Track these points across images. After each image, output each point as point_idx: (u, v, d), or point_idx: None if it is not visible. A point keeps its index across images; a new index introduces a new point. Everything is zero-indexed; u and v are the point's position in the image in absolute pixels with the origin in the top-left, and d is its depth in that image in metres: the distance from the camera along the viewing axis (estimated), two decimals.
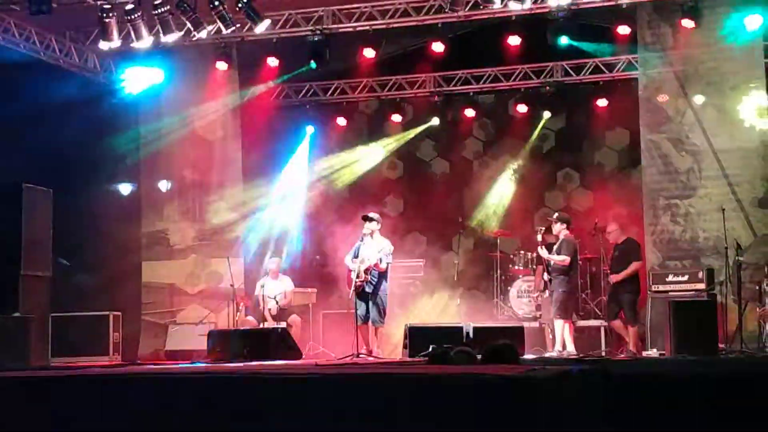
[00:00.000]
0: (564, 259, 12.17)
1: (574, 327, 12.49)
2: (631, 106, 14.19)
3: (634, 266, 12.27)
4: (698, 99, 13.30)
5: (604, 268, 13.16)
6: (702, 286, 12.27)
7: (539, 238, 12.65)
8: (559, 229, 12.46)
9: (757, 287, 11.88)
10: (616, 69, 14.95)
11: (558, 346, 12.22)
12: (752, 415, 8.76)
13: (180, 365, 11.04)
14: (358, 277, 12.31)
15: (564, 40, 13.43)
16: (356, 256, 12.51)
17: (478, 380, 5.96)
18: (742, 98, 13.03)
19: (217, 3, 11.97)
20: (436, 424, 5.61)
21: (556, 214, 12.76)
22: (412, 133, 16.41)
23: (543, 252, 12.34)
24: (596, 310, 13.48)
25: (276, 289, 13.72)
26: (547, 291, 12.51)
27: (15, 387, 6.56)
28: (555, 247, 12.34)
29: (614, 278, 12.30)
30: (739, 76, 13.14)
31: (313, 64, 14.10)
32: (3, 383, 6.64)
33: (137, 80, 14.97)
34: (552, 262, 12.27)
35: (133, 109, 15.45)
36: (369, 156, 16.50)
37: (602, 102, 15.28)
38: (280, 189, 16.12)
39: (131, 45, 12.87)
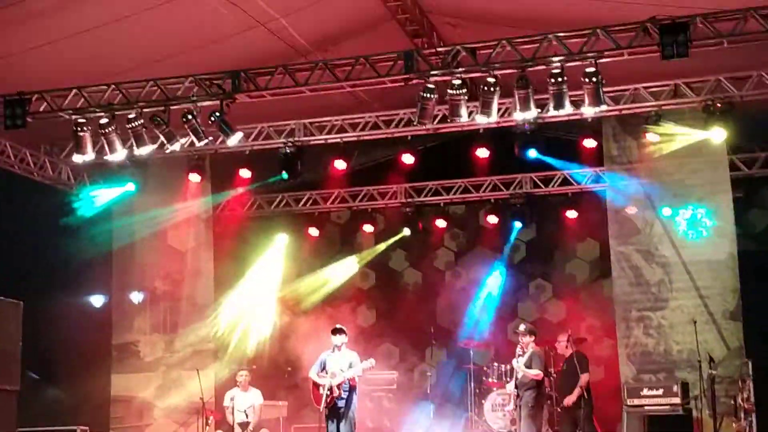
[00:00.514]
0: (538, 373, 11.94)
1: None
2: (600, 218, 14.31)
3: (583, 379, 12.17)
4: (666, 211, 13.45)
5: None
6: (677, 400, 12.19)
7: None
8: (528, 341, 12.23)
9: (733, 401, 11.83)
10: (584, 181, 15.11)
11: None
12: None
13: None
14: (330, 392, 12.14)
15: (532, 153, 13.60)
16: (323, 369, 12.36)
17: None
18: (708, 210, 13.18)
19: (190, 117, 12.05)
20: None
21: (523, 326, 12.54)
22: (383, 245, 16.45)
23: (517, 365, 12.07)
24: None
25: (246, 401, 13.51)
26: (513, 404, 12.24)
27: None
28: (524, 360, 12.05)
29: (568, 401, 12.20)
30: (705, 188, 13.31)
31: (284, 175, 14.16)
32: None
33: (108, 195, 15.06)
34: (520, 376, 12.03)
35: (106, 220, 15.44)
36: (342, 270, 16.47)
37: (571, 213, 15.41)
38: (252, 299, 16.06)
39: (104, 158, 12.90)
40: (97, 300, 16.40)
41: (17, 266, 14.30)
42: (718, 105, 12.26)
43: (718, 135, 12.55)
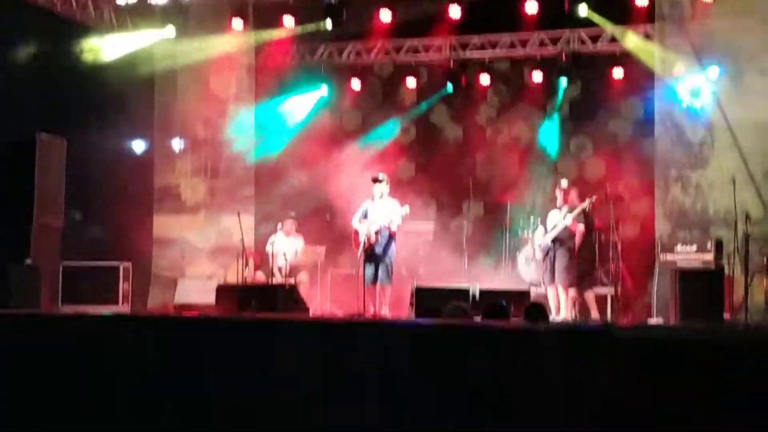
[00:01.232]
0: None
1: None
2: (647, 77, 14.14)
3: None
4: (713, 71, 13.25)
5: (612, 237, 13.13)
6: (710, 256, 12.28)
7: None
8: (572, 197, 12.52)
9: (765, 259, 11.89)
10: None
11: (565, 312, 12.25)
12: (754, 382, 8.85)
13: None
14: (368, 238, 12.41)
15: (582, 10, 13.38)
16: (365, 217, 12.63)
17: (479, 332, 6.01)
18: (758, 70, 12.98)
19: None
20: (431, 375, 5.65)
21: (565, 182, 12.77)
22: (425, 104, 16.35)
23: (560, 216, 12.37)
24: (604, 278, 13.49)
25: (287, 246, 13.80)
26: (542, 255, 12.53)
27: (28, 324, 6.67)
28: (562, 214, 12.35)
29: None
30: (755, 47, 13.07)
31: (328, 25, 14.08)
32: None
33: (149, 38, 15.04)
34: (561, 229, 12.31)
35: (148, 65, 15.50)
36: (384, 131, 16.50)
37: (618, 72, 15.20)
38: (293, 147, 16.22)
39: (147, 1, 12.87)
40: (138, 145, 16.62)
41: (62, 106, 14.48)
42: None
43: None
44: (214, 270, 14.65)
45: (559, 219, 12.46)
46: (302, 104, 16.47)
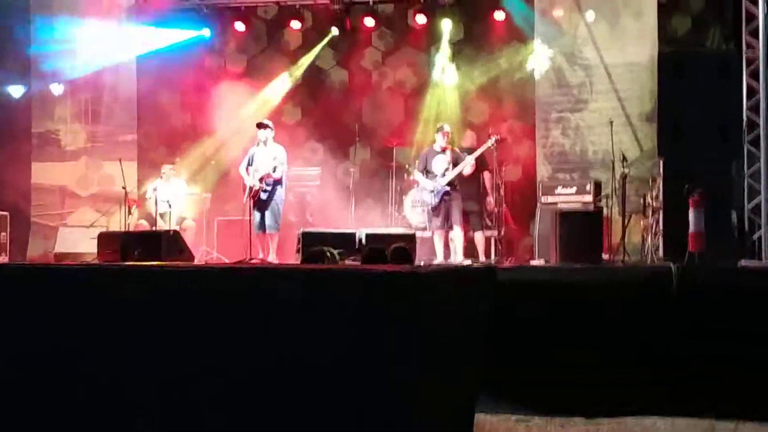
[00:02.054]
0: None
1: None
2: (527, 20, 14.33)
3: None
4: (590, 15, 13.51)
5: (495, 179, 13.33)
6: (589, 198, 12.61)
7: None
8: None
9: (642, 200, 12.28)
10: None
11: (461, 255, 12.43)
12: (629, 320, 9.19)
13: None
14: (253, 185, 12.38)
15: None
16: (250, 164, 12.59)
17: (360, 277, 6.07)
18: (633, 13, 13.28)
19: None
20: (317, 321, 5.68)
21: (447, 126, 12.93)
22: (315, 50, 16.20)
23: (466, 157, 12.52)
24: (488, 221, 13.72)
25: (169, 192, 13.64)
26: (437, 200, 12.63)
27: None
28: (449, 158, 12.45)
29: None
30: None
31: None
32: None
33: None
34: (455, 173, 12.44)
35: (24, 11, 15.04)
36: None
37: (500, 15, 15.34)
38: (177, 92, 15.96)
39: None
40: (15, 90, 16.11)
41: None
42: None
43: None
44: (96, 218, 14.36)
45: (446, 161, 12.51)
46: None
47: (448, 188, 12.49)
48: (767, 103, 10.46)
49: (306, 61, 16.25)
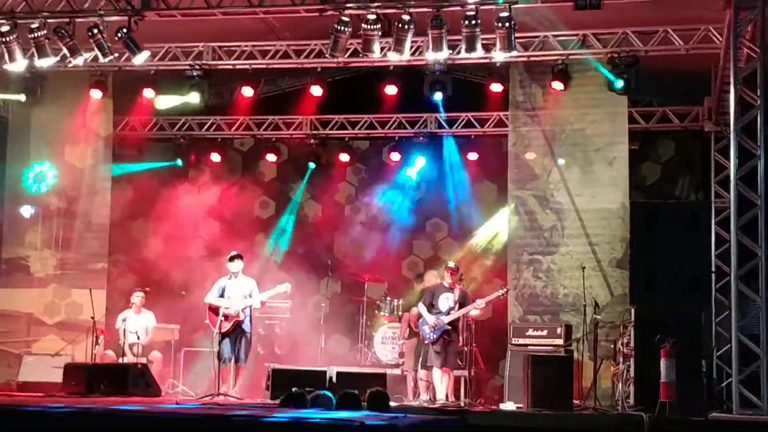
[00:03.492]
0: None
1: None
2: (500, 162, 14.60)
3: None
4: (560, 161, 13.78)
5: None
6: (560, 341, 12.59)
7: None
8: (456, 279, 12.52)
9: (612, 346, 12.30)
10: (488, 124, 15.33)
11: (441, 395, 12.24)
12: None
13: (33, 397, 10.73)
14: (226, 318, 12.28)
15: (438, 96, 13.77)
16: (221, 296, 12.52)
17: (345, 426, 6.05)
18: (605, 160, 13.57)
19: (96, 31, 11.81)
20: None
21: (453, 263, 12.87)
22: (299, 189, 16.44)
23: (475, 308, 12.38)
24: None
25: (138, 323, 13.51)
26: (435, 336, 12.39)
27: None
28: (456, 298, 12.29)
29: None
30: (603, 139, 13.68)
31: (194, 98, 14.05)
32: None
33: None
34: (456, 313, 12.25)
35: (2, 132, 15.11)
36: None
37: (473, 155, 15.64)
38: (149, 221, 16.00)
39: (3, 67, 12.56)
40: None
41: None
42: (624, 57, 12.60)
43: (620, 88, 12.89)
44: (61, 347, 14.13)
45: (452, 300, 12.33)
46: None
47: (449, 327, 12.26)
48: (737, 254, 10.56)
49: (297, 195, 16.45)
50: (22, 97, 14.69)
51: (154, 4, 11.78)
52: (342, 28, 11.48)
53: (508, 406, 12.04)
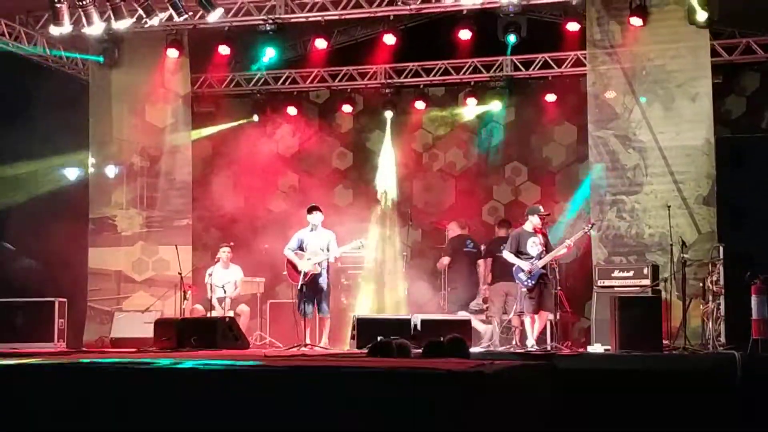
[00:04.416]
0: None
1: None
2: (579, 102, 14.36)
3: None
4: (643, 99, 13.47)
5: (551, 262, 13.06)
6: (647, 282, 12.40)
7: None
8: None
9: (701, 284, 12.07)
10: (565, 65, 15.09)
11: (531, 341, 12.07)
12: (691, 408, 9.02)
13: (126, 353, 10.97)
14: (308, 270, 12.36)
15: (512, 38, 13.58)
16: (300, 248, 12.57)
17: (427, 375, 6.05)
18: (688, 96, 13.24)
19: None
20: (382, 418, 5.68)
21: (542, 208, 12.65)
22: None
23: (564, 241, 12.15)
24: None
25: (225, 277, 13.70)
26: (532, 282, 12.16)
27: None
28: (542, 241, 12.03)
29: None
30: (685, 74, 13.32)
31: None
32: None
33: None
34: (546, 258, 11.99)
35: (83, 93, 15.36)
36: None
37: (551, 97, 15.42)
38: (229, 176, 16.17)
39: (81, 30, 12.74)
40: (71, 172, 16.42)
41: None
42: None
43: (701, 20, 12.54)
44: (151, 303, 14.43)
45: (539, 244, 12.15)
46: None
47: (544, 271, 12.04)
48: None
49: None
50: (101, 59, 14.96)
51: None
52: None
53: (596, 348, 11.94)
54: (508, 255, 12.22)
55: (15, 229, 14.99)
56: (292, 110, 16.56)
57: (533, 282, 11.96)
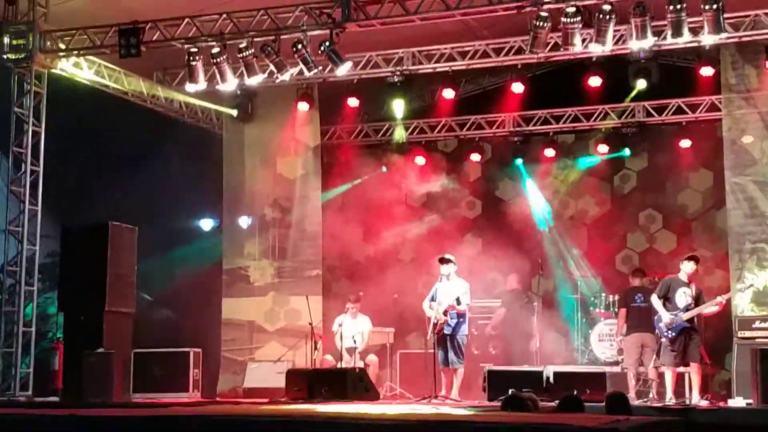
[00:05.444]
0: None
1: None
2: (715, 148, 14.02)
3: None
4: None
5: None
6: None
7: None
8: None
9: None
10: (699, 110, 14.75)
11: (696, 396, 11.74)
12: None
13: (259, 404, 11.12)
14: (436, 319, 12.31)
15: (642, 84, 13.39)
16: (433, 299, 12.53)
17: (560, 431, 5.91)
18: None
19: (300, 46, 12.14)
20: None
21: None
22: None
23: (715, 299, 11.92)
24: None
25: (354, 328, 13.75)
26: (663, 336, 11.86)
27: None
28: (693, 293, 11.74)
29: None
30: None
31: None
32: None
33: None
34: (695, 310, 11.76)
35: (217, 147, 15.80)
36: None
37: (685, 143, 15.05)
38: (360, 226, 16.29)
39: (216, 87, 13.12)
40: (206, 224, 16.87)
41: (133, 192, 14.80)
42: None
43: None
44: (283, 353, 14.62)
45: (689, 296, 11.73)
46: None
47: (688, 325, 11.72)
48: None
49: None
50: (234, 112, 15.39)
51: (353, 15, 11.96)
52: (541, 23, 11.31)
53: (737, 402, 11.50)
54: (655, 300, 11.91)
55: (152, 280, 15.44)
56: (420, 159, 16.59)
57: (674, 334, 11.61)
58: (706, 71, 13.75)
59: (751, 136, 13.40)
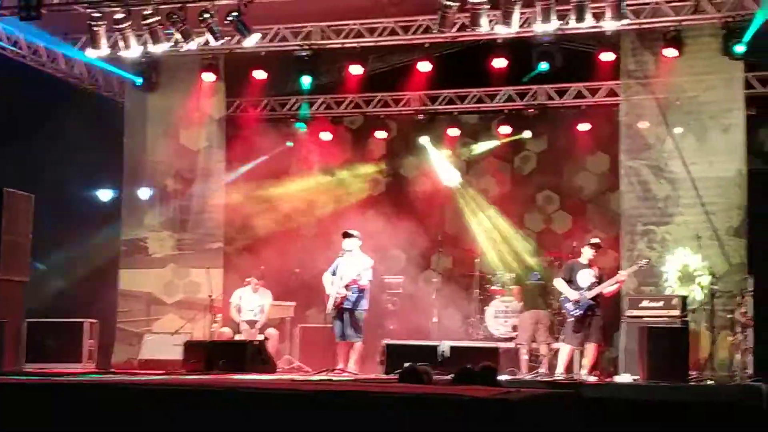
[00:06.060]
0: None
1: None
2: (612, 132, 14.37)
3: None
4: (677, 130, 13.45)
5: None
6: (676, 312, 12.30)
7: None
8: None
9: (730, 316, 12.00)
10: (598, 94, 15.10)
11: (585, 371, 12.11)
12: None
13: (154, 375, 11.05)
14: (337, 293, 12.37)
15: (545, 66, 13.65)
16: (334, 274, 12.57)
17: (454, 401, 6.05)
18: (720, 127, 13.20)
19: (207, 15, 12.06)
20: None
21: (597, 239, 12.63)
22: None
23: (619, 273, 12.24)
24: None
25: (254, 301, 13.75)
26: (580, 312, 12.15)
27: None
28: (596, 273, 12.10)
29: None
30: (718, 105, 13.29)
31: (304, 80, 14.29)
32: None
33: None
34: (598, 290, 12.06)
35: (118, 116, 15.55)
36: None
37: (584, 126, 15.42)
38: (263, 200, 16.24)
39: (118, 54, 12.93)
40: (105, 194, 16.62)
41: (27, 158, 14.50)
42: (738, 21, 12.21)
43: (735, 52, 12.52)
44: (180, 325, 14.52)
45: (592, 276, 12.10)
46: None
47: (593, 302, 12.06)
48: None
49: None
50: (139, 79, 15.12)
51: None
52: (450, 3, 11.43)
53: (624, 378, 11.86)
54: (558, 282, 12.22)
55: (47, 249, 15.16)
56: (326, 135, 16.63)
57: (581, 312, 11.94)
58: (607, 57, 14.12)
59: (647, 121, 13.77)
